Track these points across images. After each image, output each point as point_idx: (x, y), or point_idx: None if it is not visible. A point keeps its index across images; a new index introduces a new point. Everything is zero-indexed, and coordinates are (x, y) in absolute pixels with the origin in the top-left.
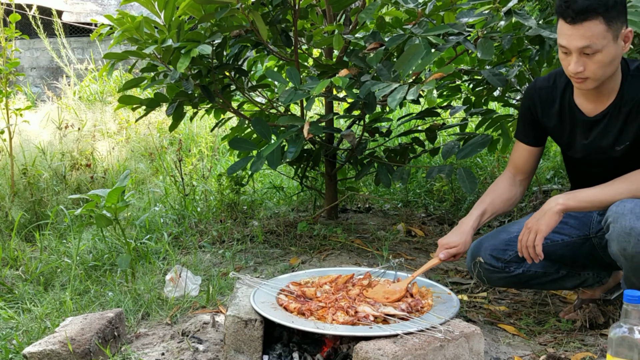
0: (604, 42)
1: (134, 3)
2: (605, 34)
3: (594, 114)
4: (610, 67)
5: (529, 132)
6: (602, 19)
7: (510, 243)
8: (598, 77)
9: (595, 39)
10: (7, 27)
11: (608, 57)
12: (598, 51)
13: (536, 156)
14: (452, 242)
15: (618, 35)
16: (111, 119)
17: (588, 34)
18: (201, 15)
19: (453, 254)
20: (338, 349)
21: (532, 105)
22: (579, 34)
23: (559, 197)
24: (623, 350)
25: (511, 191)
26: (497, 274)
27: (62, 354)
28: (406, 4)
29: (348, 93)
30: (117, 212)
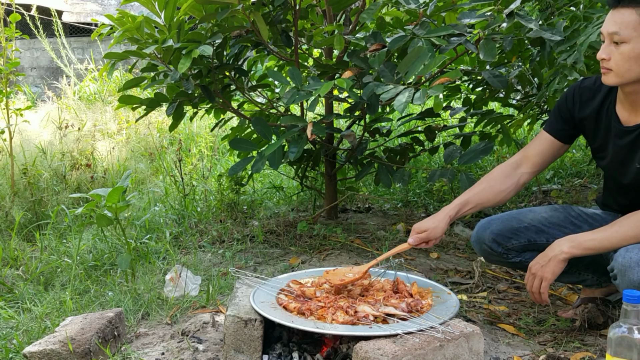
0: (634, 34)
1: (135, 3)
2: (636, 26)
3: (630, 124)
4: (636, 65)
5: (560, 126)
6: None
7: (518, 233)
8: (621, 72)
9: (625, 27)
10: (7, 27)
11: (634, 52)
12: (625, 41)
13: (554, 152)
14: (423, 227)
15: None
16: (111, 119)
17: (619, 20)
18: (202, 16)
19: (423, 239)
20: (338, 348)
21: (572, 101)
22: (612, 18)
23: (564, 245)
24: (622, 350)
25: (505, 183)
26: (495, 257)
27: (62, 353)
28: (407, 4)
29: (350, 94)
30: (117, 211)
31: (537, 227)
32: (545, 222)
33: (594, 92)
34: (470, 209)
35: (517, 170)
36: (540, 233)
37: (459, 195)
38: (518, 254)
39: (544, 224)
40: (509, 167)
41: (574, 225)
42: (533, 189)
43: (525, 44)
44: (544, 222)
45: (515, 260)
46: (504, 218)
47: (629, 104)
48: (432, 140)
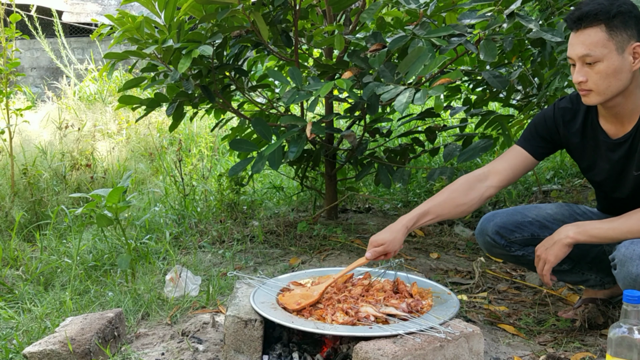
0: (605, 52)
1: (135, 3)
2: (606, 43)
3: (619, 136)
4: (615, 80)
5: (537, 143)
6: (604, 27)
7: (521, 227)
8: (602, 91)
9: (594, 46)
10: (7, 27)
11: (610, 68)
12: (599, 60)
13: (526, 167)
14: (379, 240)
15: (624, 48)
16: (111, 119)
17: (587, 41)
18: (202, 16)
19: (380, 253)
20: (338, 349)
21: (552, 123)
22: (579, 41)
23: (570, 230)
24: (622, 350)
25: (468, 196)
26: (498, 249)
27: (62, 353)
28: (408, 4)
29: (350, 94)
30: (117, 212)
31: (541, 223)
32: (549, 218)
33: (573, 112)
34: (430, 219)
35: (482, 183)
36: (544, 229)
37: (419, 205)
38: (520, 247)
39: (548, 220)
40: (474, 179)
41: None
42: (533, 189)
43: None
44: (548, 219)
45: (517, 254)
46: (509, 212)
47: (613, 117)
48: (432, 141)
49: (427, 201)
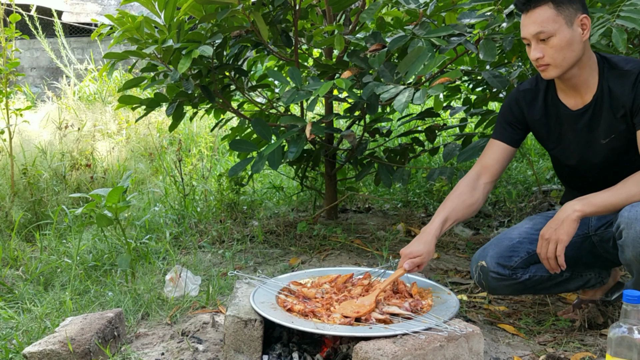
0: (556, 26)
1: (134, 3)
2: (555, 18)
3: (579, 107)
4: (569, 51)
5: (509, 131)
6: (551, 4)
7: (515, 249)
8: (559, 63)
9: (546, 23)
10: (7, 27)
11: (563, 41)
12: (552, 35)
13: (508, 157)
14: (415, 252)
15: (572, 21)
16: (111, 119)
17: (539, 19)
18: (202, 16)
19: (417, 264)
20: (338, 349)
21: (517, 107)
22: (530, 20)
23: (575, 204)
24: (622, 350)
25: (473, 196)
26: (505, 281)
27: (62, 353)
28: (407, 4)
29: (350, 94)
30: (117, 212)
31: (529, 238)
32: (532, 230)
33: (534, 92)
34: (450, 224)
35: (479, 182)
36: (534, 242)
37: (435, 214)
38: (524, 270)
39: (532, 232)
40: (472, 180)
41: None
42: (533, 189)
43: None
44: (531, 232)
45: (525, 278)
46: (494, 243)
47: (571, 89)
48: (432, 141)
49: (441, 209)
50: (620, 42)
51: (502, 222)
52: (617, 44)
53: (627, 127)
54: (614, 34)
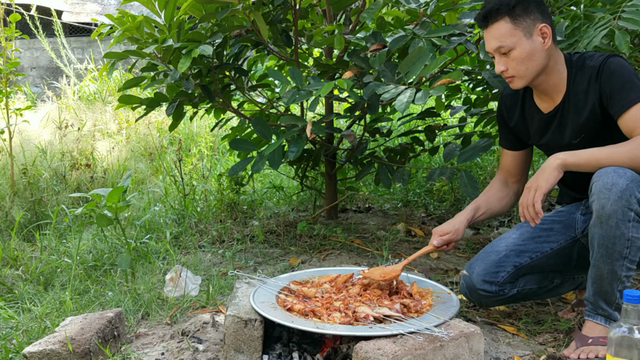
0: (514, 40)
1: (134, 2)
2: (513, 32)
3: (549, 110)
4: (531, 62)
5: (507, 137)
6: (508, 18)
7: (501, 264)
8: (522, 74)
9: (504, 37)
10: (7, 27)
11: (524, 53)
12: (512, 49)
13: (522, 160)
14: (445, 229)
15: (532, 32)
16: (111, 118)
17: (497, 34)
18: (202, 15)
19: (446, 241)
20: (338, 349)
21: (501, 112)
22: (490, 36)
23: (559, 154)
24: (623, 350)
25: (503, 191)
26: (492, 298)
27: (62, 353)
28: (408, 4)
29: (350, 94)
30: (117, 211)
31: (516, 250)
32: (519, 241)
33: (514, 97)
34: (482, 214)
35: (508, 181)
36: (521, 254)
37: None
38: (512, 284)
39: (519, 243)
40: (500, 180)
41: (546, 230)
42: None
43: None
44: (518, 242)
45: (513, 293)
46: (481, 257)
47: (543, 94)
48: (432, 140)
49: (475, 200)
50: (624, 44)
51: (502, 221)
52: (619, 46)
53: (596, 125)
54: (617, 36)
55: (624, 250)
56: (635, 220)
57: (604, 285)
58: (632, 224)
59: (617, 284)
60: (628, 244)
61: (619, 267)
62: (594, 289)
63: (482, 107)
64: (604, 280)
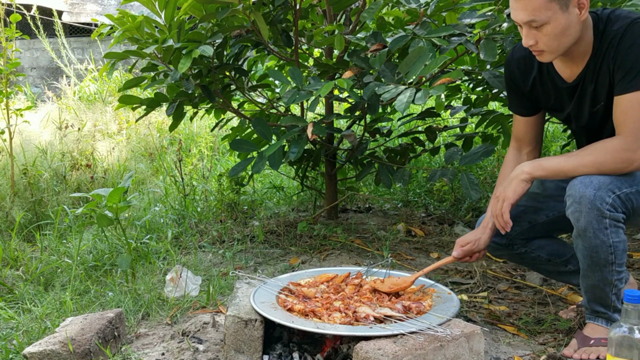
0: (549, 14)
1: (135, 3)
2: (548, 5)
3: (572, 79)
4: (565, 37)
5: (519, 102)
6: None
7: (517, 219)
8: (553, 49)
9: (537, 11)
10: (7, 27)
11: (558, 28)
12: (545, 23)
13: (535, 125)
14: (466, 239)
15: (568, 4)
16: (111, 119)
17: (530, 7)
18: (202, 15)
19: (467, 252)
20: (338, 349)
21: (513, 75)
22: (520, 6)
23: (525, 166)
24: (623, 350)
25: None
26: (502, 250)
27: (62, 354)
28: (408, 4)
29: (351, 94)
30: (118, 212)
31: (534, 207)
32: (539, 198)
33: (528, 60)
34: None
35: (521, 153)
36: (538, 212)
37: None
38: (524, 243)
39: (539, 200)
40: (513, 156)
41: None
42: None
43: None
44: (538, 199)
45: (521, 251)
46: None
47: (567, 60)
48: (432, 141)
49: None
50: None
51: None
52: None
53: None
54: None
55: (609, 256)
56: (612, 225)
57: (597, 292)
58: (609, 230)
59: (610, 288)
60: (611, 250)
61: (608, 273)
62: (588, 297)
63: (482, 107)
64: (597, 288)
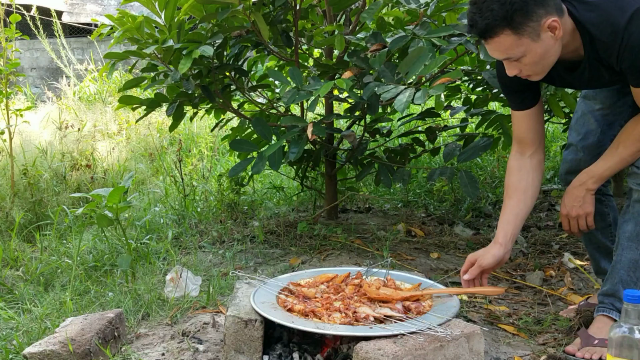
0: (522, 49)
1: (135, 3)
2: (518, 42)
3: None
4: (547, 59)
5: (516, 97)
6: (509, 30)
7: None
8: (539, 71)
9: (510, 50)
10: (7, 28)
11: (536, 57)
12: (522, 56)
13: (535, 119)
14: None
15: (539, 32)
16: (111, 119)
17: (501, 48)
18: (202, 16)
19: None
20: (338, 349)
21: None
22: (493, 48)
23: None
24: (623, 350)
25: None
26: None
27: (62, 354)
28: (408, 4)
29: (350, 94)
30: (118, 212)
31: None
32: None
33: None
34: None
35: (524, 156)
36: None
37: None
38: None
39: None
40: (516, 158)
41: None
42: None
43: None
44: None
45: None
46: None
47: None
48: (432, 141)
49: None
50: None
51: None
52: None
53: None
54: None
55: None
56: None
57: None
58: None
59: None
60: None
61: None
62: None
63: (482, 108)
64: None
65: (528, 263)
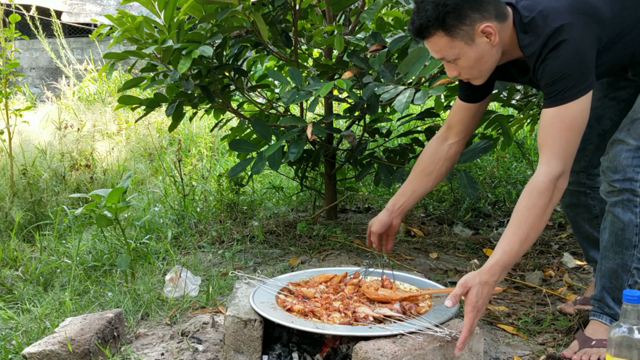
0: (456, 51)
1: (134, 3)
2: (451, 44)
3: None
4: (483, 64)
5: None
6: (442, 32)
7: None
8: (477, 76)
9: (444, 51)
10: (6, 28)
11: (471, 60)
12: (456, 58)
13: (472, 115)
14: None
15: (473, 37)
16: (111, 119)
17: (436, 48)
18: (202, 16)
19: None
20: (337, 349)
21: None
22: (429, 47)
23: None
24: (622, 350)
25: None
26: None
27: (61, 354)
28: (407, 4)
29: (350, 94)
30: (117, 212)
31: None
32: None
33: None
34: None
35: (445, 143)
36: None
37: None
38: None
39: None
40: (437, 142)
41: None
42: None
43: None
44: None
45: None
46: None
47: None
48: None
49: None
50: None
51: (501, 222)
52: None
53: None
54: None
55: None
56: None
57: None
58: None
59: (627, 276)
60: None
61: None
62: (602, 284)
63: None
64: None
65: (527, 263)
